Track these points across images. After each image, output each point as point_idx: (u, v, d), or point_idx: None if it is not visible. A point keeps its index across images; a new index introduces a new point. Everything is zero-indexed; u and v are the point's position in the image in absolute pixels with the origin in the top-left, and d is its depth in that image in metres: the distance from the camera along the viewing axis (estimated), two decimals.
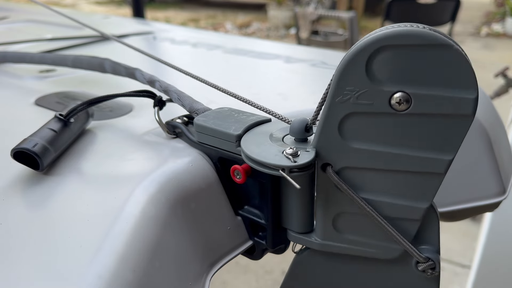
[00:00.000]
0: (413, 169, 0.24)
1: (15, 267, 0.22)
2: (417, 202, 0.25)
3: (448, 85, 0.21)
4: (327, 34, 2.80)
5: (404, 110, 0.22)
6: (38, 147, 0.29)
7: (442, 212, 0.41)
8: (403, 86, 0.22)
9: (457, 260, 1.42)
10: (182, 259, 0.27)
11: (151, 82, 0.38)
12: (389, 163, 0.24)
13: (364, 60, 0.22)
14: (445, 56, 0.21)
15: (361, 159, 0.24)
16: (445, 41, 0.20)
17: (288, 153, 0.25)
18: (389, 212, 0.25)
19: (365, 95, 0.22)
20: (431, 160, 0.23)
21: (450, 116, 0.22)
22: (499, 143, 0.43)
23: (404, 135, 0.23)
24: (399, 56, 0.21)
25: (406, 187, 0.24)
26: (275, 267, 1.37)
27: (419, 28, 0.21)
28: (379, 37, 0.21)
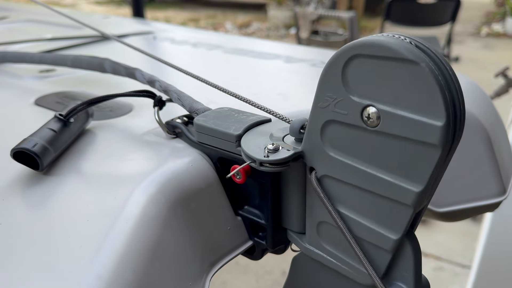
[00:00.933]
0: (382, 193, 0.21)
1: (15, 267, 0.22)
2: (387, 230, 0.22)
3: (415, 107, 0.19)
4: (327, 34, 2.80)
5: (374, 127, 0.20)
6: (38, 147, 0.29)
7: (442, 212, 0.41)
8: (374, 100, 0.20)
9: (457, 260, 1.42)
10: (182, 259, 0.27)
11: (151, 82, 0.38)
12: (360, 180, 0.22)
13: (340, 67, 0.21)
14: (413, 73, 0.18)
15: (338, 170, 0.23)
16: (413, 57, 0.18)
17: (268, 148, 0.25)
18: (361, 234, 0.24)
19: (341, 104, 0.21)
20: (399, 188, 0.21)
21: (417, 143, 0.19)
22: (499, 143, 0.43)
23: (375, 154, 0.21)
24: (371, 67, 0.20)
25: (377, 211, 0.22)
26: (275, 267, 1.37)
27: (394, 39, 0.19)
28: (354, 44, 0.20)
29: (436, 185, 0.21)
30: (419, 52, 0.19)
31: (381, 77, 0.20)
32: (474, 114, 0.41)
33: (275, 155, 0.25)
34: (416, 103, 0.19)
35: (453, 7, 2.44)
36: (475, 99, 0.45)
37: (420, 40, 0.19)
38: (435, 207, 0.41)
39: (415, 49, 0.19)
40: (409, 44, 0.19)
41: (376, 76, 0.20)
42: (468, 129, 0.41)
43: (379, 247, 0.23)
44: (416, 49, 0.19)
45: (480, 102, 0.45)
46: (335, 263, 0.26)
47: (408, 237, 0.22)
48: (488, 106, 0.46)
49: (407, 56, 0.18)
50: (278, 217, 0.30)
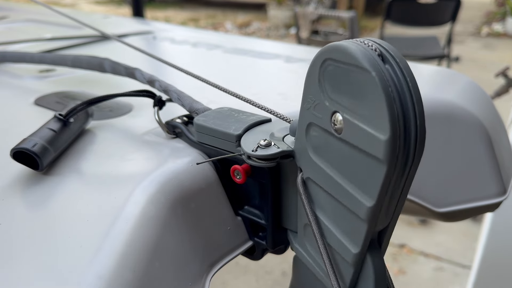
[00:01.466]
0: (344, 203, 0.21)
1: (15, 267, 0.22)
2: (349, 243, 0.22)
3: (366, 118, 0.18)
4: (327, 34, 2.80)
5: (339, 134, 0.20)
6: (38, 147, 0.29)
7: (443, 212, 0.41)
8: (339, 106, 0.20)
9: (457, 260, 1.42)
10: (182, 259, 0.27)
11: (151, 82, 0.38)
12: (330, 186, 0.22)
13: (317, 70, 0.20)
14: (366, 82, 0.18)
15: (316, 173, 0.23)
16: (366, 64, 0.17)
17: (260, 144, 0.25)
18: (332, 242, 0.23)
19: (318, 107, 0.21)
20: (355, 200, 0.20)
21: (368, 155, 0.18)
22: (499, 143, 0.43)
23: (340, 161, 0.21)
24: (338, 72, 0.19)
25: (342, 221, 0.22)
26: (275, 268, 1.37)
27: (358, 44, 0.18)
28: (326, 48, 0.19)
29: (400, 203, 0.20)
30: (377, 60, 0.18)
31: (344, 83, 0.19)
32: (474, 114, 0.41)
33: (263, 151, 0.25)
34: (367, 113, 0.18)
35: (454, 7, 2.43)
36: (476, 99, 0.45)
37: (388, 48, 0.18)
38: (435, 207, 0.41)
39: (373, 57, 0.18)
40: (372, 51, 0.18)
41: (341, 81, 0.19)
42: (468, 129, 0.41)
43: (344, 258, 0.23)
44: (374, 57, 0.18)
45: (480, 102, 0.45)
46: (314, 267, 0.26)
47: (371, 254, 0.21)
48: (488, 106, 0.46)
49: (361, 64, 0.18)
50: (278, 217, 0.30)
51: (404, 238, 1.50)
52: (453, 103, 0.41)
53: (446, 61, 2.54)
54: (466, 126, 0.41)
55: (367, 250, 0.21)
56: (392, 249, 1.45)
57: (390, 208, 0.20)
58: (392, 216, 0.21)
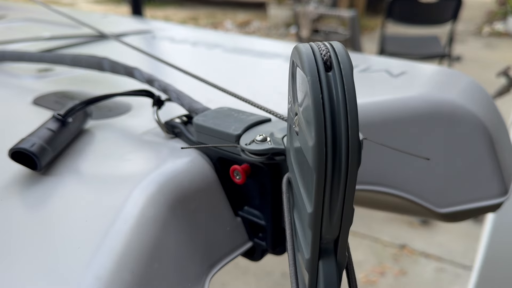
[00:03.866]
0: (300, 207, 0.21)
1: (13, 268, 0.22)
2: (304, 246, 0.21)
3: (306, 122, 0.18)
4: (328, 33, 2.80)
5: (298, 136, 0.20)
6: (36, 147, 0.29)
7: (444, 213, 0.41)
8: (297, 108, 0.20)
9: (458, 261, 1.42)
10: (181, 260, 0.27)
11: (150, 81, 0.38)
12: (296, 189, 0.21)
13: (291, 69, 0.20)
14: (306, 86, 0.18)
15: (292, 174, 0.22)
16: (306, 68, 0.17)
17: (256, 139, 0.26)
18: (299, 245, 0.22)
19: (291, 108, 0.21)
20: (303, 205, 0.20)
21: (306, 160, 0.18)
22: (501, 143, 0.43)
23: (298, 164, 0.20)
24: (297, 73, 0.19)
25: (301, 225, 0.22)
26: (275, 269, 1.37)
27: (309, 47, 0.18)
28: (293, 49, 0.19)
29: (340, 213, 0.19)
30: (318, 65, 0.17)
31: (298, 86, 0.19)
32: (476, 113, 0.41)
33: (256, 145, 0.25)
34: (305, 118, 0.18)
35: (455, 6, 2.43)
36: (477, 99, 0.44)
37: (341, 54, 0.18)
38: (437, 207, 0.41)
39: (316, 62, 0.17)
40: (320, 56, 0.18)
41: (298, 84, 0.19)
42: (470, 129, 0.40)
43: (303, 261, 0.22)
44: (318, 62, 0.17)
45: (482, 102, 0.45)
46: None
47: (324, 262, 0.21)
48: (489, 106, 0.46)
49: (303, 67, 0.18)
50: (278, 217, 0.30)
51: (405, 239, 1.50)
52: (454, 103, 0.41)
53: (447, 60, 2.54)
54: (467, 126, 0.40)
55: (320, 258, 0.21)
56: (393, 250, 1.45)
57: (334, 218, 0.19)
58: (341, 227, 0.20)
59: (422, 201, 0.40)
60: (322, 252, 0.21)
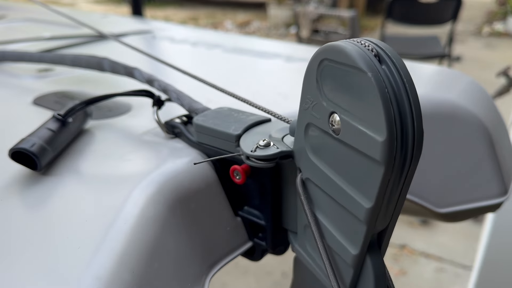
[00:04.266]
0: (343, 204, 0.21)
1: (14, 268, 0.22)
2: (348, 244, 0.22)
3: (363, 119, 0.18)
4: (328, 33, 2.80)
5: (338, 134, 0.20)
6: (36, 147, 0.29)
7: (444, 213, 0.41)
8: (336, 107, 0.19)
9: (458, 261, 1.42)
10: (181, 260, 0.27)
11: (150, 81, 0.38)
12: (328, 187, 0.22)
13: (315, 70, 0.20)
14: (363, 83, 0.17)
15: (315, 174, 0.23)
16: (362, 65, 0.17)
17: (259, 144, 0.25)
18: (331, 243, 0.23)
19: (316, 107, 0.21)
20: (354, 201, 0.20)
21: (366, 156, 0.18)
22: (501, 143, 0.43)
23: (338, 162, 0.21)
24: (335, 72, 0.19)
25: (341, 222, 0.22)
26: (275, 269, 1.37)
27: (355, 44, 0.18)
28: (322, 48, 0.19)
29: (398, 204, 0.20)
30: (373, 60, 0.17)
31: (341, 83, 0.19)
32: (475, 113, 0.41)
33: (262, 151, 0.25)
34: (363, 114, 0.18)
35: (455, 6, 2.43)
36: (477, 99, 0.44)
37: (385, 48, 0.18)
38: (436, 207, 0.41)
39: (369, 57, 0.17)
40: (368, 51, 0.18)
41: (338, 82, 0.19)
42: (469, 129, 0.40)
43: (343, 259, 0.22)
44: (371, 57, 0.18)
45: (482, 102, 0.45)
46: (314, 268, 0.26)
47: (371, 255, 0.21)
48: (489, 106, 0.46)
49: (357, 64, 0.17)
50: (278, 217, 0.30)
51: (405, 239, 1.50)
52: (454, 103, 0.41)
53: (447, 60, 2.54)
54: (467, 126, 0.40)
55: (367, 251, 0.21)
56: (393, 250, 1.45)
57: (389, 209, 0.20)
58: (391, 217, 0.21)
59: (422, 201, 0.40)
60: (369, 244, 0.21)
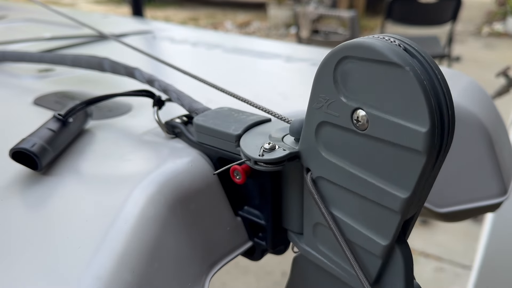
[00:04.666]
0: (371, 197, 0.21)
1: (14, 267, 0.22)
2: (377, 236, 0.22)
3: (400, 112, 0.18)
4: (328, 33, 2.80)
5: (363, 130, 0.20)
6: (37, 147, 0.29)
7: (443, 212, 0.41)
8: (362, 103, 0.20)
9: (458, 260, 1.42)
10: (182, 259, 0.27)
11: (150, 81, 0.38)
12: (351, 183, 0.22)
13: (332, 68, 0.20)
14: (398, 77, 0.18)
15: (331, 172, 0.23)
16: (397, 60, 0.18)
17: (265, 147, 0.25)
18: (353, 238, 0.23)
19: (333, 105, 0.21)
20: (387, 193, 0.20)
21: (403, 148, 0.19)
22: (500, 143, 0.43)
23: (364, 157, 0.21)
24: (360, 69, 0.19)
25: (367, 216, 0.22)
26: (275, 268, 1.37)
27: (382, 41, 0.18)
28: (343, 46, 0.20)
29: (426, 192, 0.21)
30: (406, 55, 0.18)
31: (369, 79, 0.19)
32: (475, 113, 0.41)
33: (270, 155, 0.25)
34: (400, 107, 0.18)
35: (454, 7, 2.43)
36: (476, 99, 0.44)
37: (410, 43, 0.19)
38: (436, 207, 0.41)
39: (402, 52, 0.18)
40: (397, 46, 0.18)
41: (365, 78, 0.19)
42: (469, 129, 0.40)
43: (370, 252, 0.23)
44: (403, 52, 0.18)
45: (481, 102, 0.45)
46: (330, 265, 0.26)
47: (399, 243, 0.22)
48: (489, 106, 0.46)
49: (392, 59, 0.18)
50: (278, 217, 0.30)
51: None
52: (454, 103, 0.41)
53: (446, 60, 2.54)
54: (467, 126, 0.40)
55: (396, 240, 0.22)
56: None
57: (422, 197, 0.21)
58: (419, 205, 0.21)
59: None
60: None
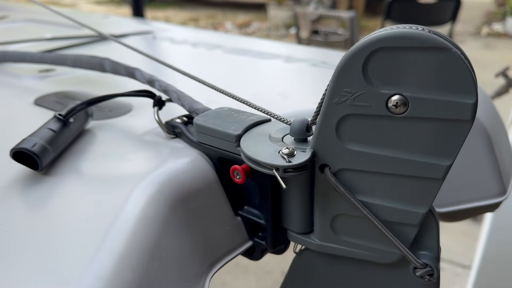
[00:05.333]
0: (410, 174, 0.23)
1: (15, 267, 0.22)
2: (415, 207, 0.24)
3: (446, 89, 0.21)
4: (328, 34, 2.80)
5: (401, 113, 0.22)
6: (37, 147, 0.29)
7: (443, 212, 0.41)
8: (400, 88, 0.21)
9: (457, 260, 1.42)
10: (182, 259, 0.27)
11: (150, 82, 0.38)
12: (386, 166, 0.24)
13: (361, 61, 0.21)
14: (444, 59, 0.20)
15: (358, 161, 0.24)
16: (443, 44, 0.20)
17: (284, 153, 0.25)
18: (387, 216, 0.25)
19: (362, 97, 0.22)
20: (429, 165, 0.23)
21: (448, 121, 0.21)
22: (499, 143, 0.43)
23: (402, 139, 0.23)
24: (397, 58, 0.21)
25: (404, 192, 0.24)
26: (275, 268, 1.37)
27: (418, 30, 0.20)
28: (377, 38, 0.21)
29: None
30: (445, 39, 0.20)
31: (408, 65, 0.21)
32: None
33: (295, 159, 0.25)
34: (447, 85, 0.21)
35: (454, 7, 2.43)
36: None
37: (431, 29, 0.21)
38: (435, 207, 0.41)
39: (440, 37, 0.20)
40: (431, 33, 0.20)
41: (402, 65, 0.21)
42: None
43: (406, 224, 0.25)
44: (441, 37, 0.20)
45: (481, 102, 0.45)
46: (354, 251, 0.27)
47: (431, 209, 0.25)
48: (488, 106, 0.46)
49: (438, 44, 0.20)
50: (278, 217, 0.30)
51: None
52: None
53: None
54: None
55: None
56: None
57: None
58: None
59: None
60: None
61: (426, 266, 0.25)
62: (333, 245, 0.28)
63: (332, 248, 0.28)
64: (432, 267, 0.25)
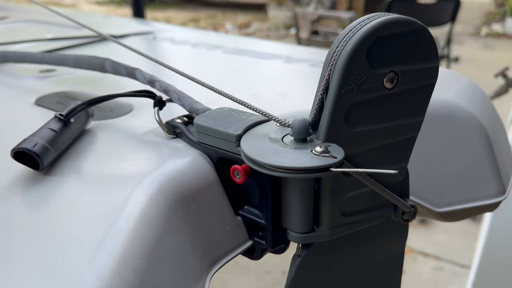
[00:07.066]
0: (401, 137, 0.27)
1: (15, 267, 0.22)
2: (401, 163, 0.29)
3: (423, 60, 0.25)
4: (327, 34, 2.80)
5: (392, 88, 0.25)
6: (38, 147, 0.29)
7: (442, 212, 0.41)
8: (394, 66, 0.25)
9: (457, 260, 1.42)
10: (182, 259, 0.27)
11: (151, 82, 0.38)
12: (384, 137, 0.27)
13: (365, 49, 0.23)
14: (422, 37, 0.25)
15: (363, 140, 0.26)
16: (420, 24, 0.24)
17: (318, 151, 0.24)
18: (383, 178, 0.28)
19: (365, 81, 0.24)
20: (412, 124, 0.27)
21: (422, 87, 0.26)
22: (499, 143, 0.43)
23: (394, 109, 0.26)
24: (393, 41, 0.24)
25: (394, 154, 0.28)
26: (275, 267, 1.37)
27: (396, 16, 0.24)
28: (372, 29, 0.23)
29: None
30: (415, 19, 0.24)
31: (396, 45, 0.24)
32: (474, 114, 0.41)
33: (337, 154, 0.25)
34: (424, 57, 0.25)
35: (453, 7, 2.43)
36: (475, 99, 0.45)
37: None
38: (435, 207, 0.41)
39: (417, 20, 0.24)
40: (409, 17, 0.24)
41: (396, 47, 0.24)
42: (468, 129, 0.41)
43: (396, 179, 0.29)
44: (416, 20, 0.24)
45: (480, 102, 0.45)
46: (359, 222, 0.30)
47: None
48: (487, 106, 0.46)
49: (420, 26, 0.24)
50: (278, 217, 0.30)
51: None
52: (452, 103, 0.41)
53: (445, 61, 2.55)
54: (465, 126, 0.41)
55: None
56: None
57: None
58: None
59: (421, 201, 0.41)
60: None
61: (412, 207, 0.29)
62: (342, 228, 0.29)
63: (341, 230, 0.29)
64: (414, 207, 0.30)
